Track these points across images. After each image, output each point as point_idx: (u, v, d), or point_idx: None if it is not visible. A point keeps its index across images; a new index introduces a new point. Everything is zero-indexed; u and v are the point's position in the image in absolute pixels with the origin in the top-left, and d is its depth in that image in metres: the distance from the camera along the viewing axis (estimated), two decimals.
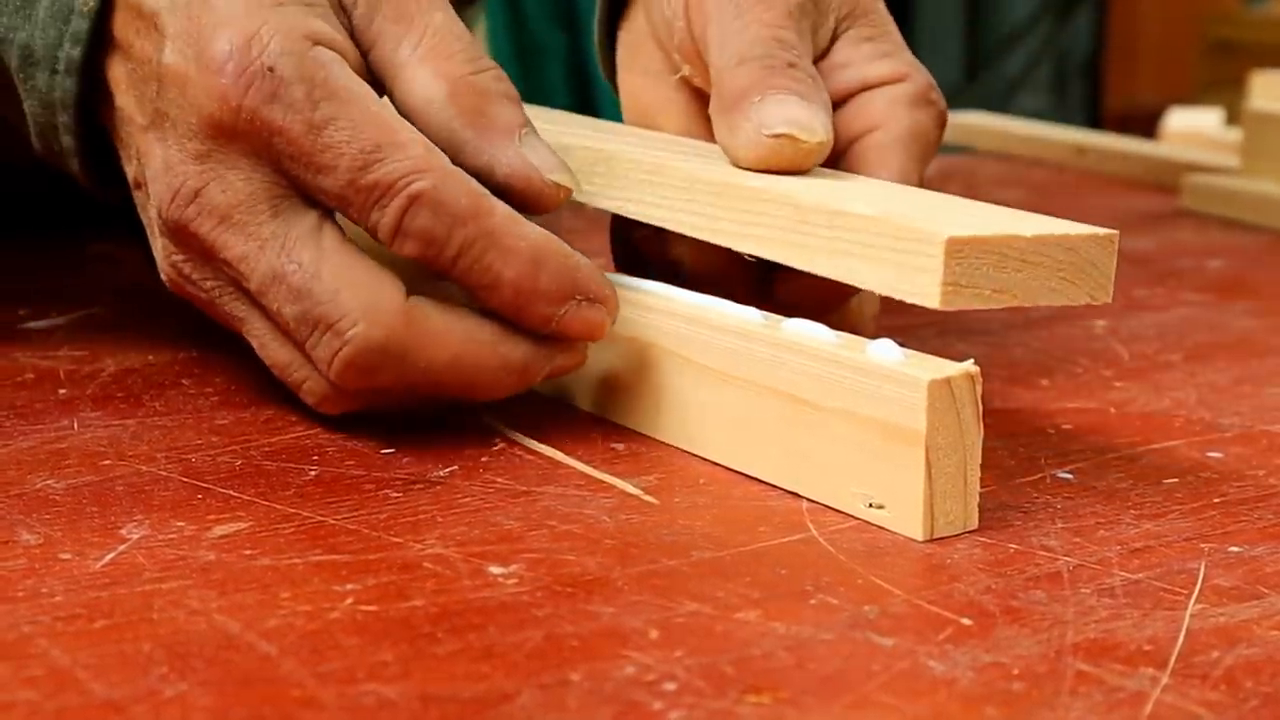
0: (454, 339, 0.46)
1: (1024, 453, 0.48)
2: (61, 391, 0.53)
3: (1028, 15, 3.83)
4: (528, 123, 0.49)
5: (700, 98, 0.56)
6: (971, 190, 1.09)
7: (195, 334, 0.62)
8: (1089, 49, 3.91)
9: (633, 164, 0.51)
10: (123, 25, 0.48)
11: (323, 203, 0.46)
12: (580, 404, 0.52)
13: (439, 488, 0.45)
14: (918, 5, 3.69)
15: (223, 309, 0.49)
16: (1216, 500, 0.45)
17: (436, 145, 0.46)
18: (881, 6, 0.58)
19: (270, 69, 0.45)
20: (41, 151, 0.52)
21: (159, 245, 0.49)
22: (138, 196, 0.50)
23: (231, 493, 0.44)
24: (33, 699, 0.32)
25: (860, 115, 0.55)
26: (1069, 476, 0.47)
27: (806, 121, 0.49)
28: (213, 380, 0.55)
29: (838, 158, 0.54)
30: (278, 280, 0.46)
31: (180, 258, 0.48)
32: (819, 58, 0.55)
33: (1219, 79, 3.03)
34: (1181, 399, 0.56)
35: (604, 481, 0.45)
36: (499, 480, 0.45)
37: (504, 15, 2.75)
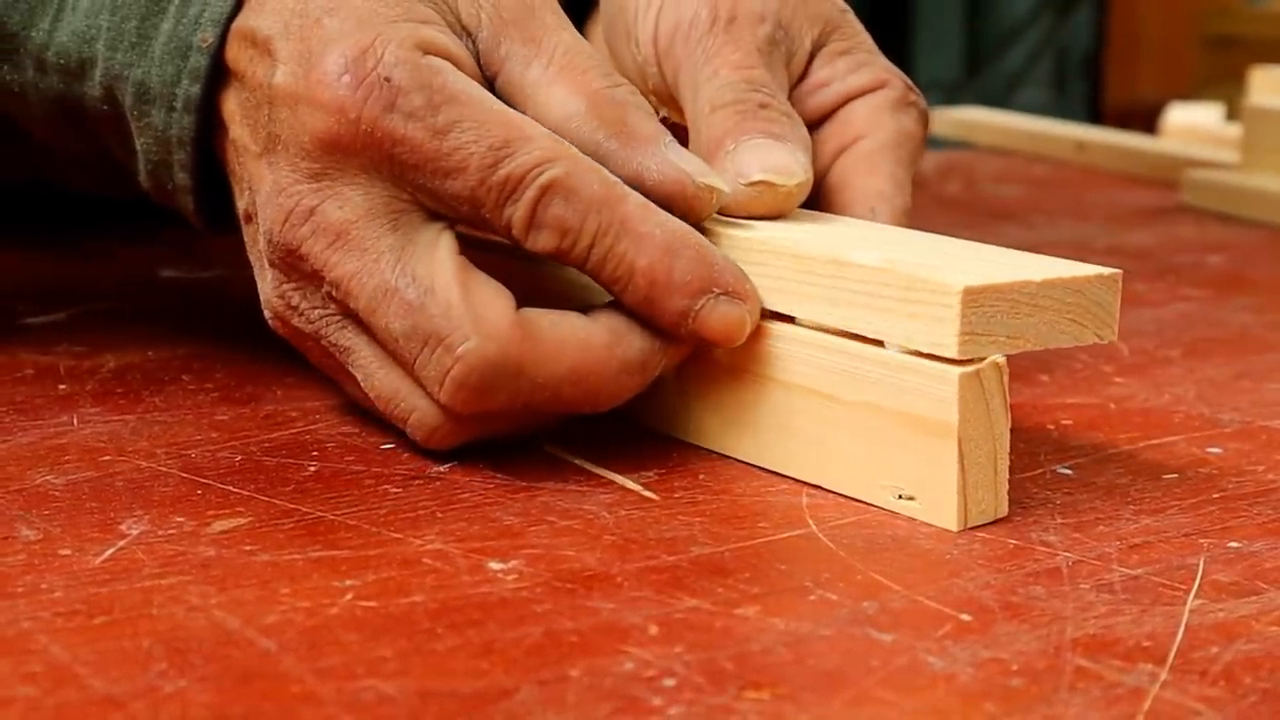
0: (570, 348, 0.45)
1: (1023, 448, 0.48)
2: (61, 387, 0.53)
3: (1028, 11, 3.83)
4: (667, 132, 0.47)
5: (683, 136, 0.55)
6: (971, 186, 1.10)
7: (195, 330, 0.62)
8: (1089, 44, 3.91)
9: None
10: (236, 55, 0.47)
11: (449, 210, 0.45)
12: None
13: (438, 483, 0.45)
14: (918, 1, 3.69)
15: (327, 341, 0.47)
16: (1216, 496, 0.45)
17: None
18: (852, 17, 0.58)
19: (387, 79, 0.44)
20: (150, 188, 0.51)
21: (268, 278, 0.47)
22: (248, 231, 0.49)
23: (231, 488, 0.44)
24: (32, 695, 0.32)
25: (845, 126, 0.55)
26: (1068, 472, 0.47)
27: (783, 165, 0.49)
28: (212, 376, 0.55)
29: (827, 170, 0.55)
30: (389, 295, 0.44)
31: (290, 286, 0.47)
32: (797, 81, 0.56)
33: (1219, 74, 3.03)
34: (1181, 394, 0.56)
35: (603, 477, 0.45)
36: (498, 476, 0.45)
37: None
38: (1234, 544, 0.42)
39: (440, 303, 0.44)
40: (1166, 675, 0.34)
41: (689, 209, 0.46)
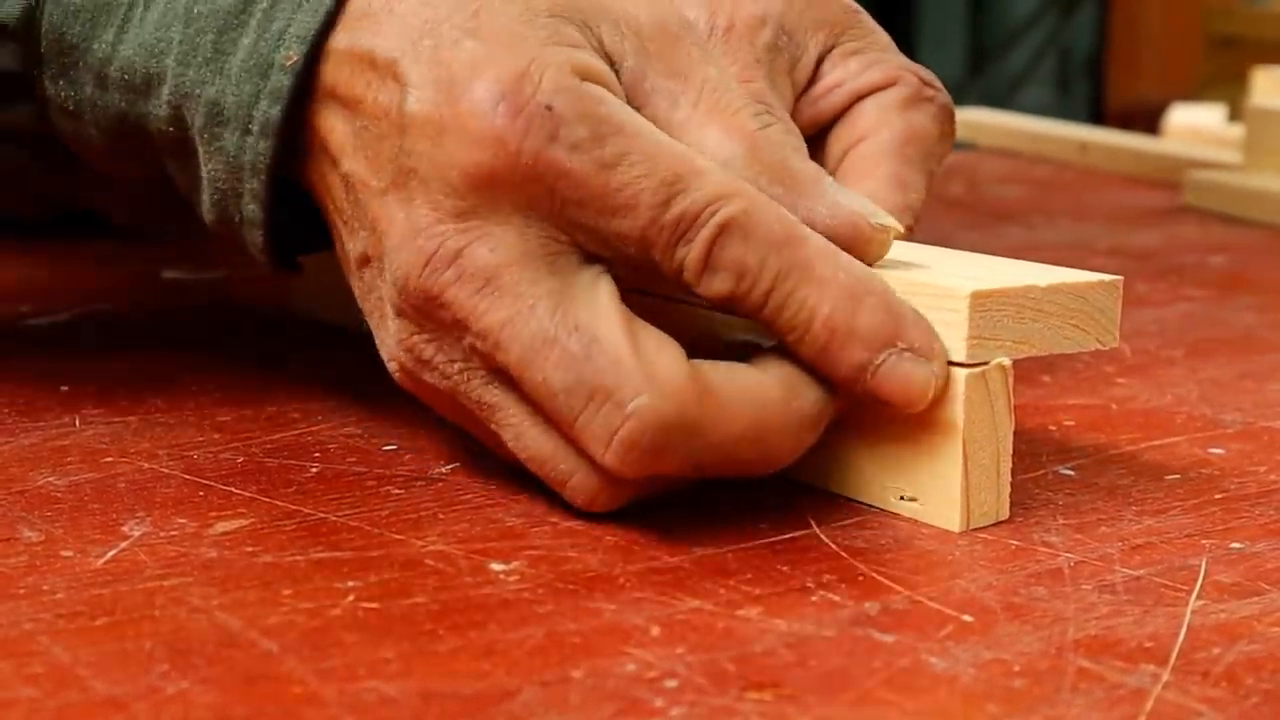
0: (747, 405, 0.40)
1: (1025, 449, 0.48)
2: (63, 388, 0.53)
3: (1031, 11, 3.83)
4: (825, 173, 0.45)
5: None
6: (974, 187, 1.10)
7: (197, 331, 0.62)
8: (1092, 45, 3.91)
9: None
10: (347, 80, 0.43)
11: (613, 251, 0.41)
12: None
13: (440, 484, 0.45)
14: (921, 1, 3.69)
15: (468, 397, 0.42)
16: (1218, 496, 0.45)
17: None
18: (864, 17, 0.57)
19: (548, 107, 0.40)
20: (214, 221, 0.47)
21: (393, 328, 0.43)
22: (363, 275, 0.44)
23: (233, 490, 0.44)
24: (34, 696, 0.32)
25: (851, 126, 0.54)
26: (1070, 473, 0.47)
27: None
28: (215, 377, 0.55)
29: (834, 173, 0.54)
30: (548, 345, 0.40)
31: (423, 338, 0.42)
32: (806, 86, 0.54)
33: (1221, 75, 3.03)
34: (1183, 395, 0.56)
35: None
36: (500, 477, 0.45)
37: None
38: (1236, 545, 0.42)
39: (608, 354, 0.39)
40: (1168, 676, 0.34)
41: (865, 252, 0.43)
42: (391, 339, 0.43)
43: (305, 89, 0.44)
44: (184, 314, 0.64)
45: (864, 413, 0.43)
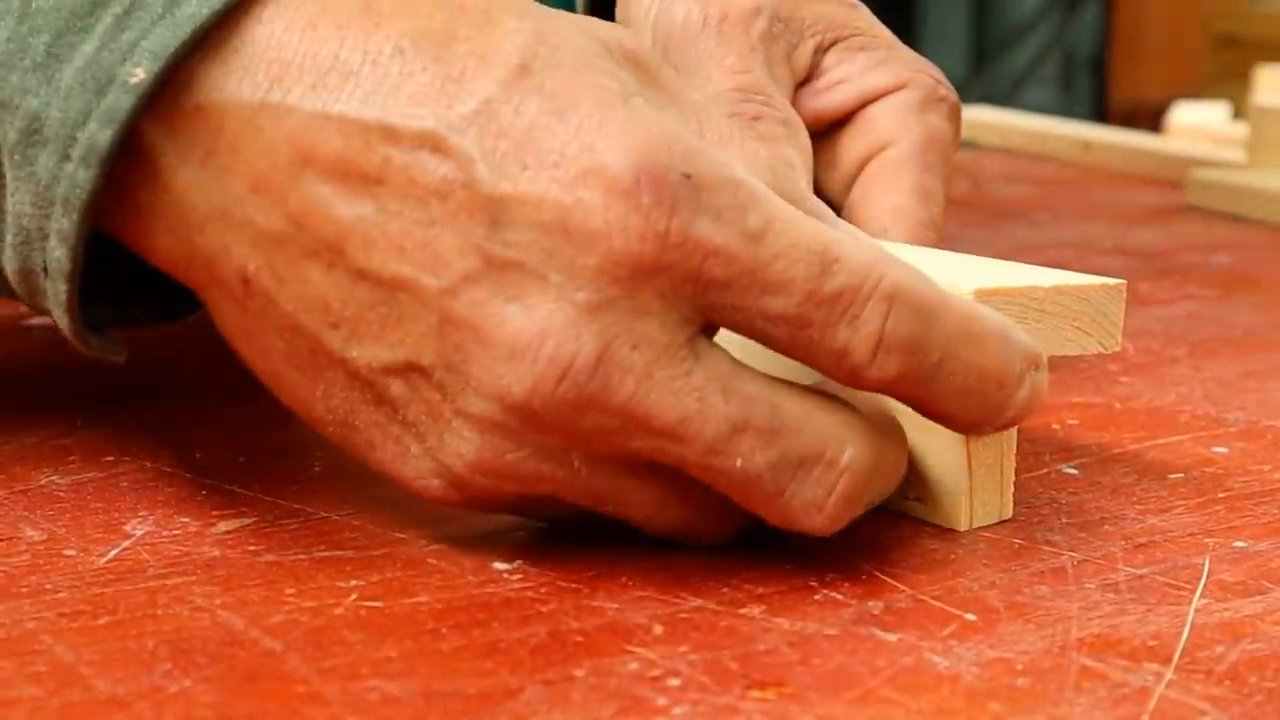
0: (892, 430, 0.39)
1: (1028, 448, 0.48)
2: (66, 387, 0.53)
3: (1034, 10, 3.83)
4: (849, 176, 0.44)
5: None
6: (977, 187, 1.10)
7: (200, 330, 0.62)
8: (1095, 44, 3.91)
9: None
10: (342, 149, 0.36)
11: (760, 334, 0.36)
12: None
13: None
14: (924, 0, 3.69)
15: (578, 490, 0.38)
16: (1221, 495, 0.45)
17: None
18: (865, 11, 0.56)
19: (687, 175, 0.34)
20: (16, 273, 0.39)
21: (469, 449, 0.37)
22: (387, 387, 0.37)
23: (236, 489, 0.44)
24: (36, 695, 0.32)
25: (866, 133, 0.53)
26: (1074, 471, 0.47)
27: None
28: (217, 376, 0.55)
29: (849, 181, 0.53)
30: (737, 431, 0.35)
31: (524, 454, 0.36)
32: (805, 79, 0.54)
33: (1225, 73, 3.03)
34: (1187, 394, 0.56)
35: None
36: None
37: None
38: (1239, 543, 0.41)
39: (796, 418, 0.36)
40: (1172, 675, 0.34)
41: None
42: (459, 459, 0.37)
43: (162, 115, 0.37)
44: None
45: (866, 412, 0.43)
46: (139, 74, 0.36)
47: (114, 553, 0.39)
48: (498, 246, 0.35)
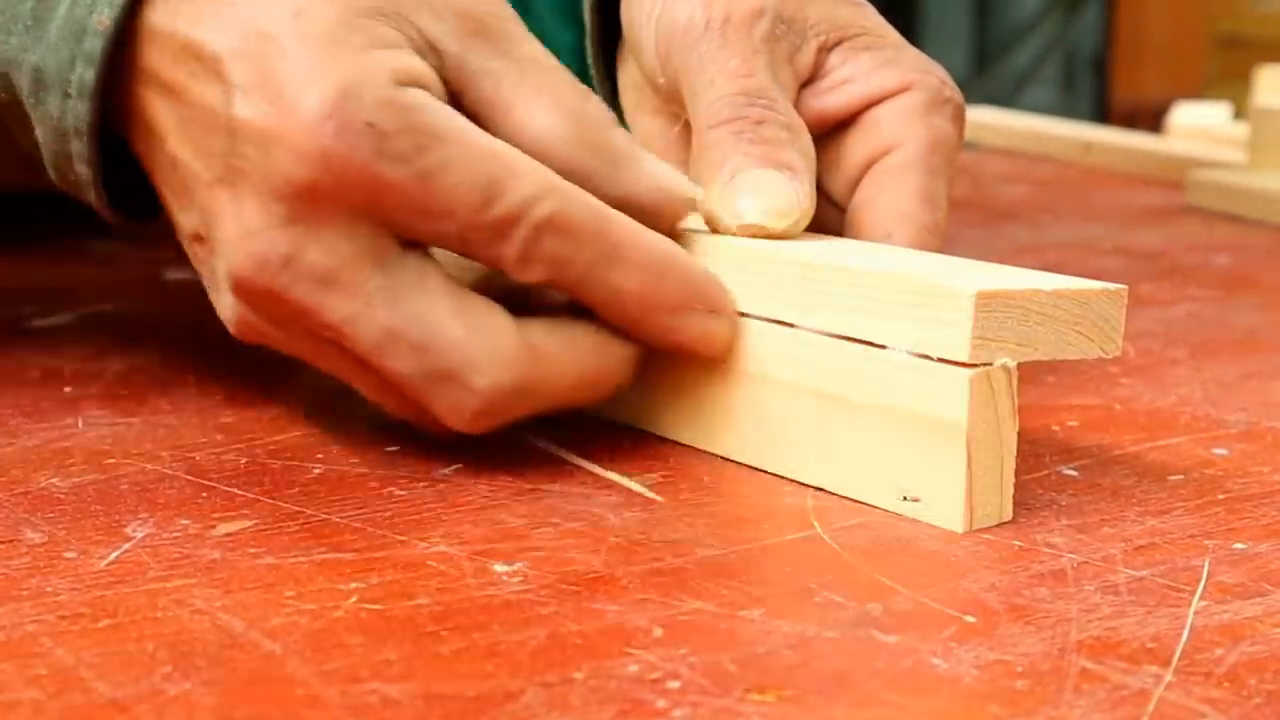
0: (573, 361, 0.45)
1: (1028, 449, 0.48)
2: (67, 390, 0.53)
3: (1036, 10, 3.83)
4: (637, 143, 0.47)
5: None
6: (978, 187, 1.10)
7: (200, 333, 0.62)
8: (1096, 44, 3.90)
9: None
10: (169, 66, 0.45)
11: (436, 244, 0.44)
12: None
13: (443, 485, 0.45)
14: (926, 0, 3.69)
15: (314, 360, 0.46)
16: (1221, 497, 0.45)
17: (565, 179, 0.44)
18: (871, 10, 0.56)
19: (370, 124, 0.42)
20: (58, 181, 0.49)
21: (229, 301, 0.46)
22: (195, 250, 0.47)
23: (236, 491, 0.44)
24: (37, 698, 0.32)
25: (870, 136, 0.53)
26: (1073, 473, 0.47)
27: (780, 204, 0.48)
28: (218, 378, 0.55)
29: (853, 183, 0.53)
30: (392, 339, 0.43)
31: (260, 319, 0.45)
32: (809, 79, 0.54)
33: (1226, 74, 3.03)
34: (1187, 395, 0.56)
35: (609, 479, 0.45)
36: (503, 478, 0.45)
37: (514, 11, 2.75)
38: (1239, 545, 0.41)
39: (449, 339, 0.43)
40: (1171, 677, 0.34)
41: (673, 218, 0.47)
42: (228, 309, 0.46)
43: (124, 60, 0.45)
44: (187, 315, 0.64)
45: (865, 413, 0.43)
46: (104, 20, 0.45)
47: (114, 555, 0.39)
48: (235, 159, 0.43)
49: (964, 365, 0.41)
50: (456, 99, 0.45)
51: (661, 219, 0.46)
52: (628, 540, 0.41)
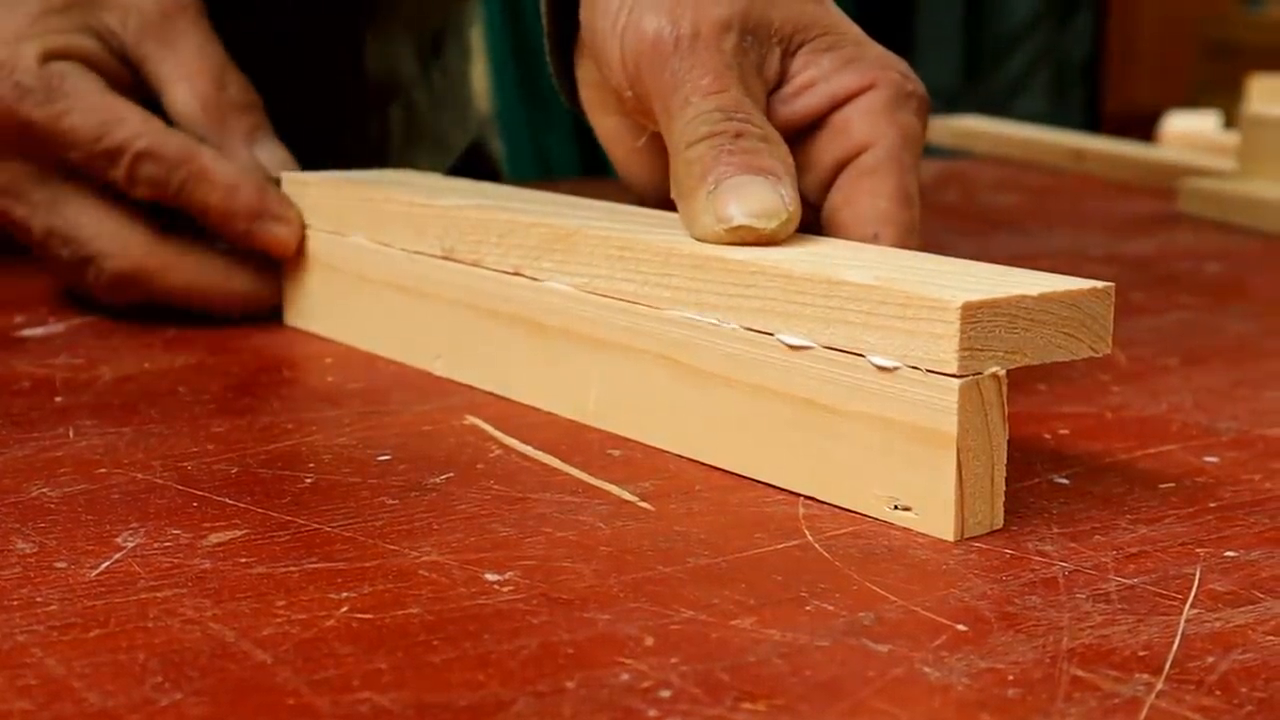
0: (188, 269, 0.63)
1: (1020, 458, 0.48)
2: (58, 399, 0.53)
3: (1027, 19, 3.83)
4: (262, 125, 0.66)
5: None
6: (969, 195, 1.10)
7: (191, 342, 0.62)
8: (1087, 52, 3.91)
9: (600, 240, 0.50)
10: None
11: (76, 170, 0.62)
12: (579, 416, 0.52)
13: (434, 495, 0.45)
14: (917, 9, 3.69)
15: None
16: (1212, 505, 0.45)
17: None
18: (830, 7, 0.56)
19: (17, 82, 0.61)
20: None
21: None
22: None
23: (227, 500, 0.44)
24: (27, 709, 0.32)
25: (840, 137, 0.53)
26: (1065, 481, 0.47)
27: (765, 206, 0.48)
28: (209, 388, 0.55)
29: (825, 185, 0.53)
30: (51, 233, 0.63)
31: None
32: (775, 86, 0.54)
33: (1217, 82, 3.03)
34: (1178, 403, 0.56)
35: (600, 488, 0.45)
36: (495, 487, 0.45)
37: (501, 16, 2.75)
38: (1230, 553, 0.42)
39: (88, 234, 0.63)
40: (1163, 685, 0.34)
41: (245, 186, 0.63)
42: None
43: None
44: (179, 326, 0.64)
45: (856, 423, 0.43)
46: None
47: (105, 565, 0.39)
48: None
49: (954, 375, 0.41)
50: (140, 70, 0.65)
51: (244, 192, 0.63)
52: (619, 549, 0.41)
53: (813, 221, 0.53)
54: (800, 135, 0.54)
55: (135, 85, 0.65)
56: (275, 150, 0.66)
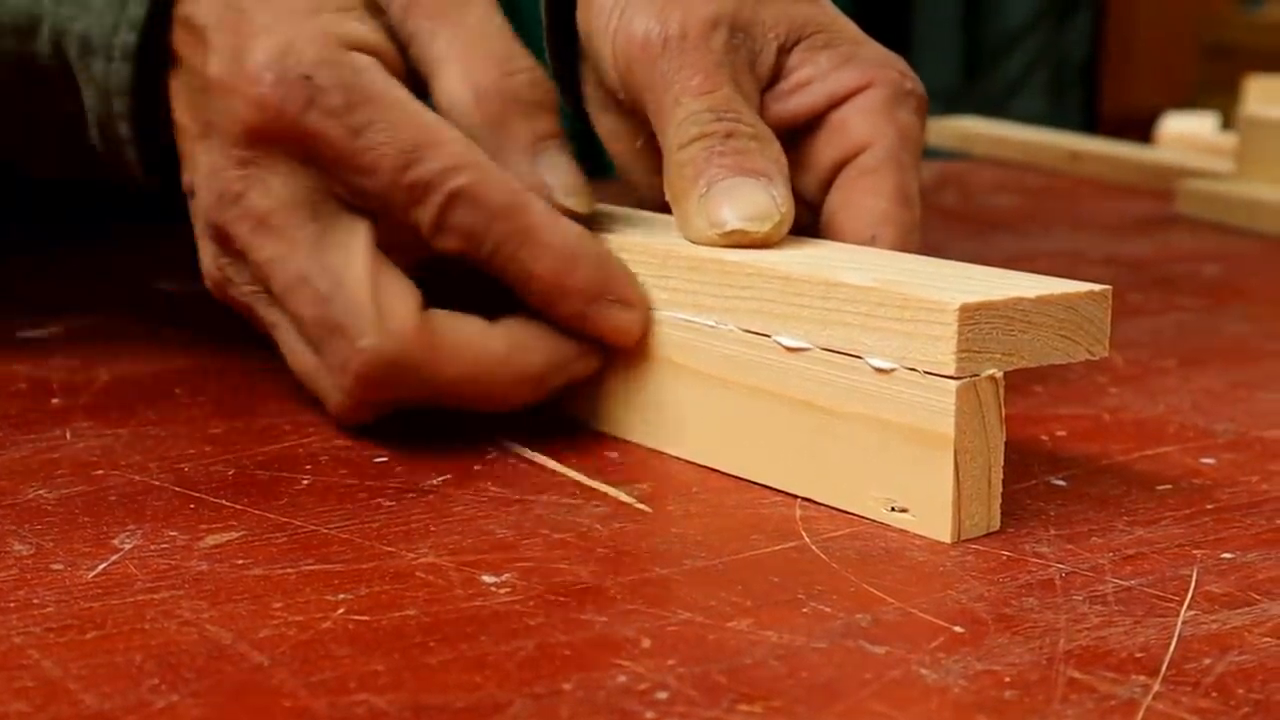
0: (469, 353, 0.47)
1: (1017, 459, 0.48)
2: (55, 401, 0.53)
3: (1025, 20, 3.83)
4: (554, 134, 0.49)
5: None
6: (967, 196, 1.10)
7: (189, 344, 0.62)
8: (1086, 54, 3.91)
9: None
10: (179, 41, 0.49)
11: (364, 205, 0.47)
12: (578, 414, 0.52)
13: (432, 496, 0.45)
14: (915, 9, 3.69)
15: (258, 314, 0.50)
16: (1209, 506, 0.45)
17: None
18: (829, 7, 0.56)
19: (307, 77, 0.46)
20: (102, 151, 0.52)
21: (205, 250, 0.50)
22: (191, 205, 0.50)
23: (224, 502, 0.44)
24: (24, 710, 0.32)
25: (838, 137, 0.53)
26: (1062, 483, 0.47)
27: (758, 209, 0.48)
28: (206, 390, 0.55)
29: (824, 185, 0.53)
30: (303, 283, 0.47)
31: (225, 260, 0.49)
32: (770, 83, 0.54)
33: (1214, 83, 3.03)
34: (1175, 405, 0.56)
35: (597, 490, 0.45)
36: (492, 489, 0.45)
37: (501, 16, 2.75)
38: (1227, 555, 0.42)
39: (348, 296, 0.46)
40: (1159, 687, 0.34)
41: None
42: (206, 258, 0.50)
43: (159, 32, 0.49)
44: (176, 326, 0.64)
45: (853, 424, 0.43)
46: None
47: (102, 567, 0.39)
48: (208, 113, 0.48)
49: (951, 377, 0.41)
50: (405, 55, 0.49)
51: (576, 258, 0.48)
52: (616, 551, 0.41)
53: (811, 222, 0.53)
54: (797, 134, 0.54)
55: (408, 75, 0.49)
56: (566, 169, 0.49)
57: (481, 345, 0.47)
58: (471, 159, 0.46)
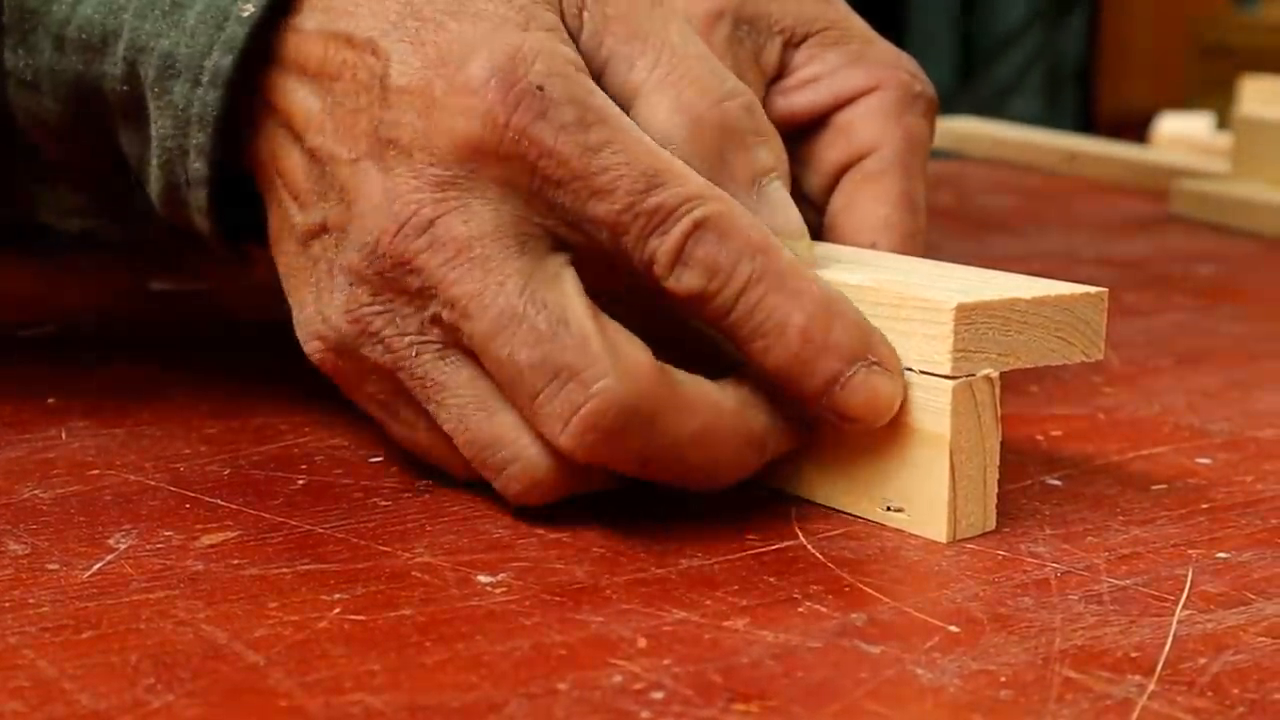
0: (704, 406, 0.41)
1: (1012, 459, 0.48)
2: (50, 400, 0.53)
3: (1020, 21, 3.83)
4: (774, 167, 0.44)
5: None
6: (962, 197, 1.10)
7: (184, 343, 0.62)
8: (1081, 54, 3.91)
9: None
10: (320, 56, 0.44)
11: (584, 236, 0.41)
12: None
13: (427, 496, 0.45)
14: (910, 9, 3.70)
15: (411, 373, 0.42)
16: (1204, 506, 0.45)
17: None
18: (839, 4, 0.55)
19: (540, 88, 0.40)
20: (160, 192, 0.47)
21: (341, 299, 0.43)
22: (309, 248, 0.44)
23: (219, 502, 0.44)
24: (19, 710, 0.32)
25: (843, 139, 0.53)
26: (1057, 483, 0.47)
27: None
28: (201, 389, 0.55)
29: (829, 186, 0.53)
30: (516, 321, 0.40)
31: (375, 309, 0.42)
32: (775, 78, 0.53)
33: (1210, 83, 3.04)
34: (1170, 405, 0.56)
35: (592, 489, 0.45)
36: (487, 489, 0.45)
37: None
38: (1222, 554, 0.42)
39: (575, 334, 0.40)
40: (1154, 686, 0.34)
41: None
42: (336, 310, 0.43)
43: (263, 55, 0.44)
44: (171, 326, 0.64)
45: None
46: (249, 7, 0.44)
47: (97, 566, 0.39)
48: (387, 129, 0.42)
49: (946, 376, 0.41)
50: (596, 79, 0.43)
51: (833, 316, 0.42)
52: (611, 550, 0.41)
53: (814, 223, 0.53)
54: (801, 132, 0.53)
55: None
56: (788, 209, 0.44)
57: (718, 399, 0.41)
58: (717, 192, 0.41)
